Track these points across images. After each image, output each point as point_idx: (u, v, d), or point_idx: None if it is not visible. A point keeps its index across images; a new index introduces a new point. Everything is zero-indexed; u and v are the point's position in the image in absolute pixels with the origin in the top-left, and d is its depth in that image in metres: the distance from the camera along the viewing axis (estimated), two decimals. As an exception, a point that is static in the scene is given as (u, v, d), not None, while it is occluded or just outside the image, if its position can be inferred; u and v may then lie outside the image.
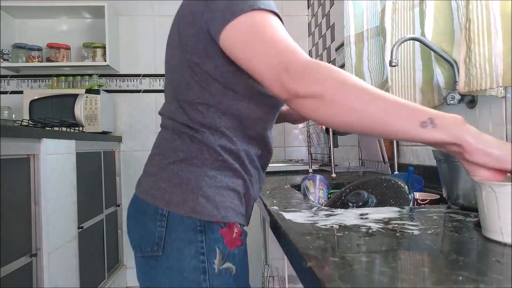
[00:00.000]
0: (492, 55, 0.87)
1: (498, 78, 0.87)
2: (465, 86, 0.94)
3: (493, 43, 0.87)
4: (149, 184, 0.76)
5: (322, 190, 1.12)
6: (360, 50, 1.71)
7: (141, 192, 0.77)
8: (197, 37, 0.71)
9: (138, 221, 0.76)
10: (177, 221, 0.71)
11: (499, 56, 0.86)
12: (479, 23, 0.89)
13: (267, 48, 0.60)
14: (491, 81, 0.88)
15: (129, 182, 2.98)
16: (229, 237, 0.74)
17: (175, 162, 0.74)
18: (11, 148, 1.46)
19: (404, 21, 1.30)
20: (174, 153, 0.75)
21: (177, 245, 0.71)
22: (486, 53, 0.88)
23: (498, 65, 0.86)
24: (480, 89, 0.90)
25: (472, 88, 0.92)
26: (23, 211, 1.57)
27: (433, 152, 0.82)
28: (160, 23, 3.00)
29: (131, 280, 2.95)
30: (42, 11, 2.81)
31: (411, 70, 1.27)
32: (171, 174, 0.74)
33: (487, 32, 0.88)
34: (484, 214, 0.54)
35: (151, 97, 3.01)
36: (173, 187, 0.73)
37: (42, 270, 1.62)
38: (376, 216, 0.69)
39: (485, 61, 0.88)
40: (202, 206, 0.71)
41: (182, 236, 0.71)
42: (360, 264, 0.44)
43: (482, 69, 0.89)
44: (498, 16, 0.86)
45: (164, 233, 0.72)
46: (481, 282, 0.37)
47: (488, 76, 0.88)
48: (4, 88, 2.90)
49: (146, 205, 0.74)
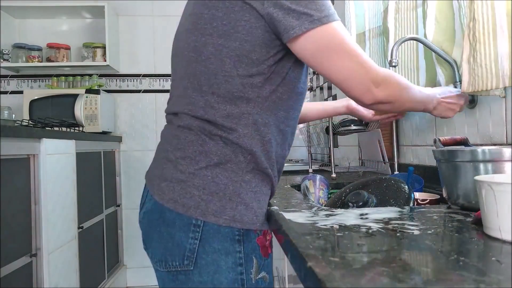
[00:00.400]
0: (498, 55, 0.87)
1: (505, 78, 0.86)
2: (469, 86, 0.94)
3: (498, 43, 0.87)
4: (177, 191, 0.69)
5: (322, 190, 1.12)
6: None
7: (167, 200, 0.70)
8: (251, 24, 0.67)
9: (163, 232, 0.69)
10: (213, 232, 0.67)
11: (505, 56, 0.86)
12: (484, 23, 0.88)
13: (351, 62, 0.70)
14: (497, 81, 0.88)
15: (129, 182, 2.98)
16: (263, 244, 0.72)
17: (208, 167, 0.69)
18: (11, 148, 1.46)
19: (407, 21, 1.30)
20: (206, 157, 0.69)
21: (212, 257, 0.67)
22: (492, 52, 0.88)
23: (504, 65, 0.86)
24: (485, 89, 0.90)
25: (477, 88, 0.92)
26: (23, 211, 1.57)
27: (433, 152, 0.82)
28: (160, 23, 3.00)
29: (131, 280, 2.95)
30: (42, 11, 2.81)
31: (414, 69, 1.27)
32: (205, 180, 0.68)
33: (492, 31, 0.87)
34: (484, 212, 0.54)
35: (151, 97, 3.01)
36: (209, 194, 0.68)
37: (42, 270, 1.62)
38: (376, 216, 0.69)
39: (491, 61, 0.88)
40: (242, 214, 0.68)
41: (219, 247, 0.67)
42: (360, 264, 0.44)
43: (488, 69, 0.89)
44: (503, 15, 0.86)
45: (198, 246, 0.67)
46: (481, 282, 0.37)
47: (494, 76, 0.88)
48: (4, 88, 2.90)
49: (176, 215, 0.68)
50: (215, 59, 0.69)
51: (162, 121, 2.99)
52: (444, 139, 0.85)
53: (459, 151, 0.74)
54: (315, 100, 2.97)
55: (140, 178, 2.99)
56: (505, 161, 0.68)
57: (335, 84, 0.72)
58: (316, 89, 2.94)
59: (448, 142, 0.85)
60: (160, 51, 3.01)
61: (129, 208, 2.97)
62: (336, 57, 0.68)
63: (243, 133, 0.69)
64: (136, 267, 2.96)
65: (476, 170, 0.71)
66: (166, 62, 3.01)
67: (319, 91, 2.84)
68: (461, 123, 1.15)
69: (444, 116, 0.95)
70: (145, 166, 2.99)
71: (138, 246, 2.97)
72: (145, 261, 2.96)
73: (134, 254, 2.96)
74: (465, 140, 0.87)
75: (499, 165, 0.69)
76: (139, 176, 2.99)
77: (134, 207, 2.97)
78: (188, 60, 0.73)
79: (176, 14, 2.98)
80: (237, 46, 0.67)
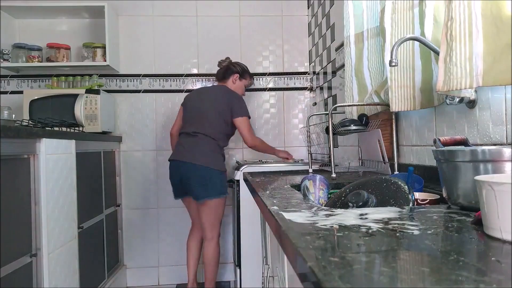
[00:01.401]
0: (473, 54, 0.87)
1: (478, 78, 0.86)
2: (444, 85, 0.94)
3: (474, 43, 0.87)
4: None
5: (322, 190, 1.12)
6: (360, 50, 1.71)
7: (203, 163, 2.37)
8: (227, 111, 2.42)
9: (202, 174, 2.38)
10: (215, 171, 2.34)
11: (479, 55, 0.86)
12: (461, 22, 0.88)
13: (250, 131, 2.46)
14: (471, 81, 0.88)
15: (129, 182, 2.98)
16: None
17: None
18: (11, 148, 1.46)
19: (403, 21, 1.30)
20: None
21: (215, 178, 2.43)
22: (467, 52, 0.88)
23: (478, 64, 0.86)
24: (459, 88, 0.90)
25: (451, 87, 0.91)
26: (23, 211, 1.57)
27: (433, 152, 0.82)
28: (160, 23, 3.00)
29: (131, 280, 2.95)
30: (42, 11, 2.81)
31: (410, 70, 1.27)
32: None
33: (468, 31, 0.87)
34: (484, 212, 0.54)
35: (151, 97, 3.01)
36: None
37: (42, 270, 1.62)
38: (376, 216, 0.69)
39: (466, 60, 0.88)
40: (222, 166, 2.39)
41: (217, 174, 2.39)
42: (360, 264, 0.44)
43: (463, 68, 0.88)
44: (479, 15, 0.86)
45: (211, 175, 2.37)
46: (481, 282, 0.37)
47: (468, 75, 0.88)
48: (4, 88, 2.90)
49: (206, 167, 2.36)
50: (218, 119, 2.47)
51: (162, 121, 3.00)
52: (444, 139, 0.85)
53: (459, 151, 0.74)
54: (315, 100, 2.97)
55: (140, 178, 2.99)
56: (505, 161, 0.69)
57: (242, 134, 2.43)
58: (316, 89, 2.95)
59: (448, 142, 0.85)
60: (160, 51, 3.01)
61: (129, 208, 2.97)
62: (246, 128, 2.47)
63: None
64: (136, 267, 2.96)
65: (476, 170, 0.71)
66: (166, 62, 3.02)
67: (319, 91, 2.84)
68: (461, 123, 1.15)
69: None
70: (145, 166, 2.99)
71: (138, 246, 2.97)
72: (145, 261, 2.97)
73: (134, 254, 2.96)
74: (465, 140, 0.87)
75: (499, 165, 0.69)
76: (139, 176, 2.99)
77: (134, 207, 2.97)
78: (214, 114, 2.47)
79: (176, 14, 2.98)
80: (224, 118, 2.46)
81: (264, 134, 3.08)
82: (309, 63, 3.12)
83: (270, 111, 3.11)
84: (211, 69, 3.04)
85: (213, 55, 3.03)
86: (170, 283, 2.97)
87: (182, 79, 3.03)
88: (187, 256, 2.55)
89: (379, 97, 1.55)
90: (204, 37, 3.03)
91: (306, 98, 3.13)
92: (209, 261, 2.39)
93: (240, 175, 2.38)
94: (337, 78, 2.35)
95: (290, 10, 3.10)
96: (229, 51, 3.04)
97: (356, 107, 1.74)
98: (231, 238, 2.97)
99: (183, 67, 3.03)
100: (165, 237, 2.98)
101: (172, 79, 3.02)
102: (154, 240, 2.98)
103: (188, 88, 3.03)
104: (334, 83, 2.44)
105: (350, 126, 1.62)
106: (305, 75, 3.12)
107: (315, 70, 2.93)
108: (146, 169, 2.99)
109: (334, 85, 2.43)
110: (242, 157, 3.07)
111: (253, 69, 3.07)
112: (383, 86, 1.54)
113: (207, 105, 2.42)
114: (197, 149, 2.33)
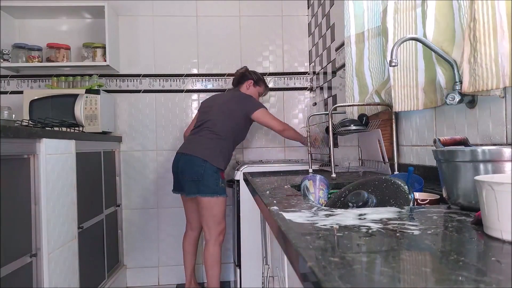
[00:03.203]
0: (498, 55, 0.87)
1: (505, 78, 0.87)
2: (470, 86, 0.94)
3: (499, 43, 0.87)
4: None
5: (322, 190, 1.12)
6: (360, 50, 1.71)
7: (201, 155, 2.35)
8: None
9: (196, 166, 2.34)
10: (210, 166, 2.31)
11: (505, 55, 0.86)
12: (484, 23, 0.88)
13: (274, 118, 2.48)
14: (498, 81, 0.88)
15: (129, 182, 2.98)
16: (222, 174, 2.37)
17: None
18: (11, 148, 1.46)
19: (406, 21, 1.29)
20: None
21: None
22: (492, 52, 0.88)
23: (504, 65, 0.86)
24: (486, 89, 0.90)
25: (477, 88, 0.92)
26: (23, 211, 1.57)
27: (433, 152, 0.82)
28: (160, 23, 3.00)
29: (131, 280, 2.95)
30: (42, 11, 2.80)
31: (413, 70, 1.27)
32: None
33: (493, 31, 0.87)
34: (484, 212, 0.54)
35: (151, 97, 3.01)
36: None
37: (42, 270, 1.62)
38: (376, 216, 0.69)
39: (491, 60, 0.88)
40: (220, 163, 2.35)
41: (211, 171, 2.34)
42: (360, 264, 0.44)
43: (488, 69, 0.89)
44: (504, 15, 0.86)
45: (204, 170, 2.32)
46: (481, 282, 0.37)
47: (495, 76, 0.88)
48: (4, 88, 2.90)
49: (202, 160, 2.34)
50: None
51: (162, 121, 3.00)
52: (444, 139, 0.85)
53: (459, 151, 0.74)
54: (315, 100, 2.97)
55: (140, 178, 2.99)
56: (505, 161, 0.69)
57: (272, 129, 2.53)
58: (316, 89, 2.95)
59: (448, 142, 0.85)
60: (160, 51, 3.01)
61: (129, 208, 2.97)
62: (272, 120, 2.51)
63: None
64: (136, 267, 2.96)
65: (476, 170, 0.71)
66: (166, 62, 3.02)
67: (319, 91, 2.84)
68: (461, 123, 1.15)
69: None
70: (145, 166, 2.99)
71: (138, 246, 2.97)
72: (145, 261, 2.97)
73: (134, 254, 2.96)
74: (465, 140, 0.87)
75: (499, 165, 0.69)
76: (139, 176, 2.99)
77: (134, 207, 2.97)
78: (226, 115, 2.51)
79: (176, 14, 2.98)
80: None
81: (264, 134, 3.08)
82: (309, 63, 3.12)
83: (270, 111, 3.10)
84: (211, 69, 3.04)
85: (213, 55, 3.03)
86: (170, 283, 2.97)
87: (182, 79, 3.03)
88: (183, 258, 2.56)
89: (380, 97, 1.55)
90: (204, 37, 3.03)
91: (306, 98, 3.12)
92: (207, 263, 2.37)
93: (240, 175, 2.38)
94: (337, 78, 2.35)
95: (290, 10, 3.10)
96: (229, 51, 3.04)
97: (357, 107, 1.74)
98: (231, 238, 2.97)
99: (183, 67, 3.03)
100: (165, 237, 2.98)
101: (172, 79, 3.02)
102: (154, 240, 2.98)
103: (188, 88, 3.03)
104: (334, 83, 2.43)
105: (350, 126, 1.62)
106: (305, 75, 3.11)
107: (315, 70, 2.93)
108: (146, 169, 2.99)
109: (334, 85, 2.43)
110: (242, 157, 3.07)
111: (253, 69, 3.06)
112: (384, 86, 1.54)
113: (217, 105, 2.46)
114: (199, 142, 2.36)
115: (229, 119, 2.39)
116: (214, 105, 2.46)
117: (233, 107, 2.41)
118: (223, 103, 2.45)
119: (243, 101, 2.43)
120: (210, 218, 2.32)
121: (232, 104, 2.43)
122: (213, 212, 2.31)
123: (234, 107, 2.41)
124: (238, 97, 2.47)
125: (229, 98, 2.50)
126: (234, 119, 2.40)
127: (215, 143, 2.34)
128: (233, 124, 2.40)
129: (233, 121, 2.40)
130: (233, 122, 2.40)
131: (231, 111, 2.40)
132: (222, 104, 2.44)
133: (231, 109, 2.40)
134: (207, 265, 2.37)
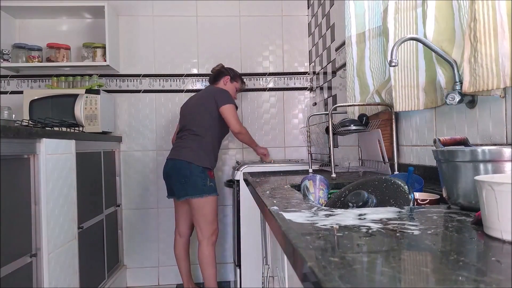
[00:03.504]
0: (498, 55, 0.87)
1: (505, 78, 0.86)
2: (471, 86, 0.94)
3: (499, 43, 0.87)
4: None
5: (322, 190, 1.12)
6: (361, 50, 1.71)
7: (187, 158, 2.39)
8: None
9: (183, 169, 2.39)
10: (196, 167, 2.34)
11: (506, 56, 0.86)
12: (485, 23, 0.88)
13: (236, 118, 2.44)
14: (498, 81, 0.88)
15: (129, 182, 2.98)
16: (211, 173, 2.40)
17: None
18: (11, 148, 1.46)
19: (407, 21, 1.29)
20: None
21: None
22: (493, 52, 0.88)
23: (505, 65, 0.86)
24: (486, 89, 0.90)
25: (478, 88, 0.91)
26: (23, 211, 1.57)
27: (433, 152, 0.82)
28: (160, 23, 3.00)
29: (131, 280, 2.95)
30: (42, 11, 2.80)
31: (414, 70, 1.27)
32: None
33: (493, 32, 0.87)
34: (484, 212, 0.54)
35: (151, 97, 3.01)
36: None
37: (42, 270, 1.62)
38: (376, 216, 0.69)
39: (492, 61, 0.88)
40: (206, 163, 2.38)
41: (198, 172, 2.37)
42: (360, 264, 0.44)
43: (489, 69, 0.89)
44: (504, 15, 0.86)
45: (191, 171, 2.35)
46: (481, 282, 0.37)
47: (495, 76, 0.88)
48: (4, 88, 2.90)
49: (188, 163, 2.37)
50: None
51: (162, 121, 3.00)
52: (444, 139, 0.85)
53: (459, 151, 0.74)
54: (315, 100, 2.97)
55: (140, 178, 2.99)
56: (505, 161, 0.69)
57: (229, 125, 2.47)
58: (316, 89, 2.94)
59: (448, 142, 0.85)
60: (160, 51, 3.01)
61: (129, 208, 2.97)
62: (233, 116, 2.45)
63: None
64: (136, 267, 2.96)
65: (476, 170, 0.71)
66: (166, 62, 3.02)
67: (319, 91, 2.84)
68: (461, 123, 1.15)
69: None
70: (145, 166, 2.99)
71: (138, 246, 2.97)
72: (145, 261, 2.97)
73: (134, 254, 2.96)
74: (465, 140, 0.87)
75: (499, 165, 0.69)
76: (139, 176, 2.99)
77: (134, 207, 2.97)
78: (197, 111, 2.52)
79: (176, 14, 2.98)
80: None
81: (264, 134, 3.08)
82: (309, 63, 3.12)
83: (270, 111, 3.10)
84: (211, 69, 3.04)
85: (213, 55, 3.03)
86: (170, 283, 2.97)
87: (182, 79, 3.03)
88: (177, 263, 2.58)
89: (380, 97, 1.55)
90: (204, 37, 3.03)
91: (306, 98, 3.12)
92: (202, 264, 2.38)
93: (240, 175, 2.38)
94: (337, 78, 2.35)
95: (290, 10, 3.10)
96: (229, 51, 3.04)
97: (358, 107, 1.74)
98: (231, 238, 2.97)
99: (183, 67, 3.03)
100: (165, 237, 2.98)
101: (172, 79, 3.02)
102: (154, 240, 2.98)
103: (188, 88, 3.03)
104: (334, 83, 2.43)
105: (350, 126, 1.62)
106: (305, 75, 3.11)
107: (315, 70, 2.93)
108: (146, 169, 2.99)
109: (334, 85, 2.43)
110: (242, 157, 3.07)
111: (253, 69, 3.07)
112: (385, 86, 1.54)
113: (192, 105, 2.49)
114: (182, 145, 2.39)
115: (205, 115, 2.41)
116: (190, 106, 2.50)
117: (207, 102, 2.42)
118: (197, 100, 2.49)
119: (216, 94, 2.44)
120: (201, 218, 2.33)
121: (205, 99, 2.45)
122: (203, 212, 2.32)
123: (207, 101, 2.42)
124: (211, 91, 2.49)
125: (202, 94, 2.53)
126: (210, 113, 2.41)
127: (197, 144, 2.36)
128: (210, 120, 2.41)
129: (209, 116, 2.41)
130: (209, 117, 2.41)
131: (206, 107, 2.42)
132: (196, 102, 2.47)
133: (205, 105, 2.42)
134: (202, 266, 2.38)
